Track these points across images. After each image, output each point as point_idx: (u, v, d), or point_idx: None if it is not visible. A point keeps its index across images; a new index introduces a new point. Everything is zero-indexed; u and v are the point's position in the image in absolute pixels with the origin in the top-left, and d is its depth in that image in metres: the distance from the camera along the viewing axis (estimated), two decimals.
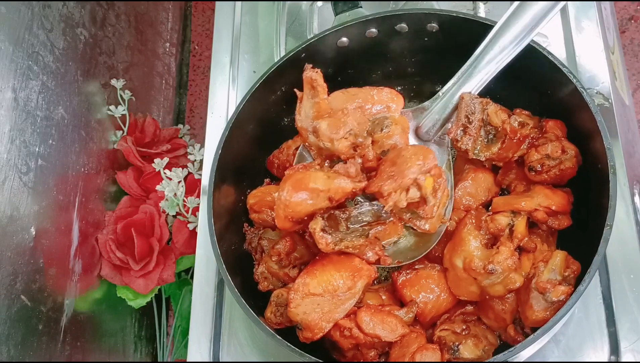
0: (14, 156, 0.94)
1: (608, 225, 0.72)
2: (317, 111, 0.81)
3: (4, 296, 0.90)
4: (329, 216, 0.78)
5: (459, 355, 0.77)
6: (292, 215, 0.76)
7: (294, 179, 0.77)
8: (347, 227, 0.78)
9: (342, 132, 0.79)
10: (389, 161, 0.79)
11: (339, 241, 0.77)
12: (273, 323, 0.80)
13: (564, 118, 0.87)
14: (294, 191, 0.75)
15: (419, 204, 0.77)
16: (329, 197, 0.76)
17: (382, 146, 0.83)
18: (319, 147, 0.82)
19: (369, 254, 0.78)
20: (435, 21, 0.89)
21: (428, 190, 0.76)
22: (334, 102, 0.83)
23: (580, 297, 0.71)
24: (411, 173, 0.74)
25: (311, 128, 0.81)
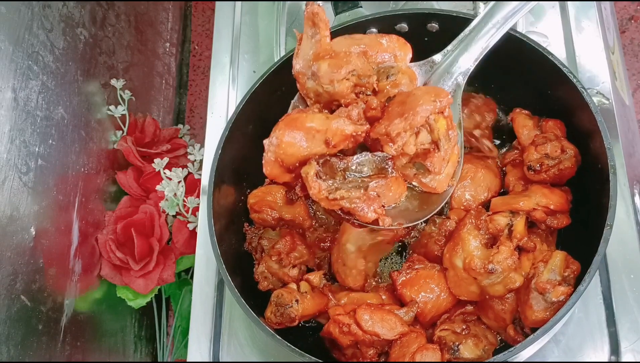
0: (13, 156, 0.94)
1: (608, 225, 0.72)
2: (318, 51, 0.73)
3: (4, 296, 0.90)
4: (325, 162, 0.70)
5: (459, 355, 0.77)
6: (283, 158, 0.69)
7: (287, 119, 0.69)
8: (344, 178, 0.71)
9: (344, 72, 0.72)
10: (398, 101, 0.72)
11: (333, 190, 0.69)
12: (273, 323, 0.79)
13: (564, 118, 0.87)
14: (287, 129, 0.68)
15: (426, 156, 0.71)
16: (326, 140, 0.68)
17: (387, 94, 0.76)
18: (318, 92, 0.74)
19: (366, 210, 0.69)
20: (435, 21, 0.89)
21: (441, 132, 0.70)
22: (337, 46, 0.75)
23: (581, 297, 0.71)
24: (424, 111, 0.68)
25: (310, 72, 0.73)
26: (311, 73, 0.74)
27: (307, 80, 0.75)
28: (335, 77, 0.72)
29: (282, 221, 0.90)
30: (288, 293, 0.79)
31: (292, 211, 0.90)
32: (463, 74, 0.79)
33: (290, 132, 0.68)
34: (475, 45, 0.78)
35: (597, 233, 0.73)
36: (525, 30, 1.06)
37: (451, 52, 0.79)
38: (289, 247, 0.84)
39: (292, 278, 0.85)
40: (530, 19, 1.07)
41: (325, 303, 0.83)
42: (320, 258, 0.91)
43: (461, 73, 0.79)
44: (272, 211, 0.90)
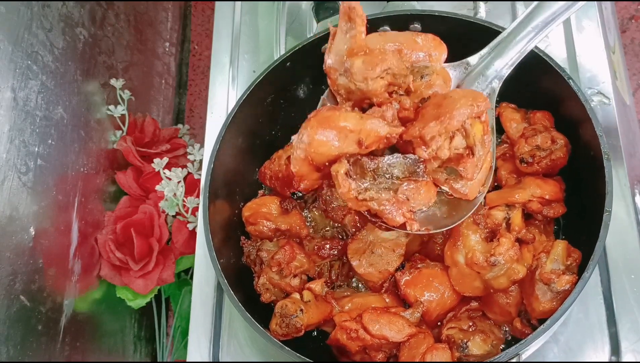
0: (13, 156, 0.94)
1: (607, 211, 0.73)
2: (352, 47, 0.71)
3: (3, 296, 0.90)
4: (355, 162, 0.68)
5: (468, 352, 0.77)
6: (313, 157, 0.67)
7: (320, 116, 0.67)
8: (374, 178, 0.68)
9: (379, 70, 0.69)
10: (433, 104, 0.70)
11: (363, 191, 0.67)
12: (279, 335, 0.79)
13: (551, 109, 0.87)
14: (319, 128, 0.66)
15: (459, 160, 0.69)
16: (359, 140, 0.66)
17: (420, 95, 0.74)
18: (349, 90, 0.72)
19: (395, 213, 0.68)
20: (417, 22, 0.89)
21: (477, 138, 0.68)
22: (371, 43, 0.72)
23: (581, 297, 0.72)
24: (461, 115, 0.66)
25: (343, 68, 0.71)
26: (344, 69, 0.71)
27: (339, 76, 0.73)
28: (370, 74, 0.70)
29: (279, 231, 0.90)
30: (292, 303, 0.79)
31: (288, 220, 0.90)
32: (498, 78, 0.77)
33: (323, 131, 0.66)
34: (512, 49, 0.76)
35: (596, 220, 0.73)
36: None
37: (487, 55, 0.78)
38: (288, 257, 0.84)
39: (294, 288, 0.85)
40: None
41: (330, 311, 0.83)
42: (320, 266, 0.91)
43: (496, 77, 0.77)
44: (268, 222, 0.90)
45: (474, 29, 0.86)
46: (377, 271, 0.86)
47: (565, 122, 0.85)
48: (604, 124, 0.95)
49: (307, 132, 0.67)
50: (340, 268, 0.91)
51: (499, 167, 0.91)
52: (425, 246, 0.89)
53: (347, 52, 0.71)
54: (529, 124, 0.87)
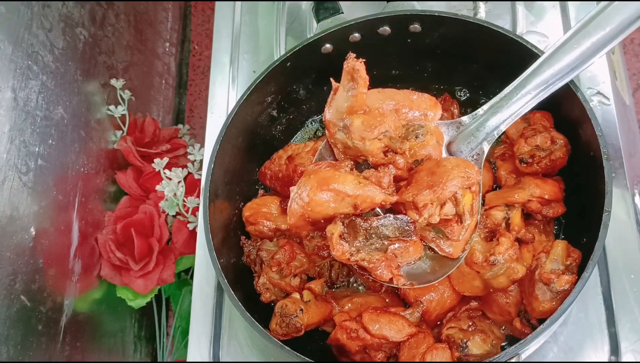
0: (13, 156, 0.94)
1: (606, 211, 0.73)
2: (353, 105, 0.74)
3: (3, 296, 0.90)
4: (349, 222, 0.72)
5: (468, 351, 0.78)
6: (310, 215, 0.71)
7: (320, 177, 0.71)
8: (365, 238, 0.72)
9: (376, 132, 0.72)
10: (427, 170, 0.74)
11: (355, 252, 0.71)
12: (279, 335, 0.79)
13: (550, 109, 0.87)
14: (318, 190, 0.70)
15: (447, 223, 0.73)
16: (354, 204, 0.70)
17: (414, 155, 0.77)
18: (346, 146, 0.75)
19: (382, 271, 0.72)
20: (417, 22, 0.89)
21: (466, 207, 0.72)
22: (370, 101, 0.75)
23: (581, 297, 0.72)
24: (452, 186, 0.70)
25: (342, 124, 0.74)
26: (343, 126, 0.74)
27: (337, 131, 0.76)
28: (368, 136, 0.72)
29: (279, 231, 0.90)
30: (292, 303, 0.79)
31: None
32: (489, 140, 0.78)
33: (321, 192, 0.69)
34: (507, 110, 0.76)
35: (595, 220, 0.74)
36: (525, 30, 1.06)
37: (480, 116, 0.79)
38: (288, 256, 0.84)
39: (294, 288, 0.85)
40: (530, 19, 1.07)
41: (330, 311, 0.83)
42: (320, 266, 0.91)
43: (487, 139, 0.78)
44: (268, 222, 0.90)
45: (473, 30, 0.86)
46: None
47: (565, 122, 0.85)
48: (603, 124, 0.95)
49: (306, 192, 0.70)
50: (340, 268, 0.91)
51: (498, 167, 0.91)
52: None
53: (347, 110, 0.74)
54: (529, 124, 0.87)
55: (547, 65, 0.73)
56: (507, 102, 0.76)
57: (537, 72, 0.74)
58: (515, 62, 0.85)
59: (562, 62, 0.72)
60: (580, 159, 0.82)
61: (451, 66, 0.96)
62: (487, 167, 0.91)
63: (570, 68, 0.73)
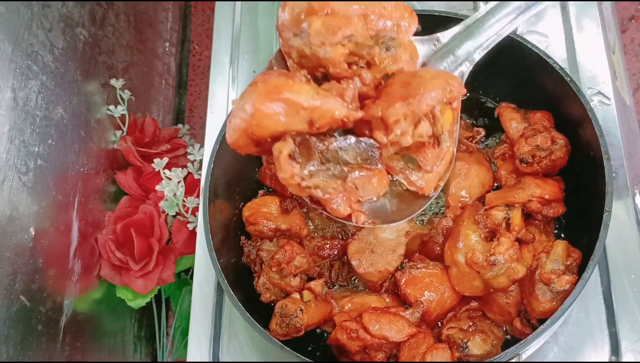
0: (13, 156, 0.94)
1: (607, 211, 0.73)
2: (313, 5, 0.61)
3: (3, 296, 0.90)
4: (302, 141, 0.59)
5: (468, 352, 0.78)
6: (254, 130, 0.58)
7: (270, 84, 0.58)
8: (321, 162, 0.60)
9: (340, 35, 0.60)
10: (400, 82, 0.63)
11: (308, 176, 0.60)
12: (279, 335, 0.79)
13: (550, 108, 0.87)
14: (266, 99, 0.57)
15: (420, 149, 0.63)
16: (310, 119, 0.58)
17: (383, 70, 0.65)
18: (303, 53, 0.62)
19: (339, 203, 0.61)
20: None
21: (446, 126, 0.62)
22: (335, 3, 0.63)
23: (581, 297, 0.72)
24: (431, 98, 0.59)
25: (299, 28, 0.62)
26: (300, 30, 0.62)
27: (292, 36, 0.63)
28: (329, 39, 0.60)
29: (279, 231, 0.90)
30: (292, 303, 0.79)
31: (288, 220, 0.90)
32: (469, 61, 0.70)
33: (270, 102, 0.56)
34: (488, 30, 0.70)
35: (596, 220, 0.74)
36: (525, 30, 1.06)
37: (460, 33, 0.71)
38: (288, 256, 0.84)
39: (294, 288, 0.85)
40: (530, 19, 1.06)
41: (330, 311, 0.83)
42: (320, 266, 0.91)
43: (467, 60, 0.70)
44: (268, 222, 0.90)
45: None
46: (377, 271, 0.86)
47: (565, 122, 0.85)
48: (603, 124, 0.95)
49: (251, 100, 0.57)
50: (340, 268, 0.91)
51: (499, 167, 0.91)
52: (425, 246, 0.89)
53: (307, 9, 0.62)
54: (529, 124, 0.87)
55: None
56: (490, 18, 0.70)
57: None
58: (516, 62, 0.85)
59: None
60: (581, 159, 0.82)
61: None
62: (487, 167, 0.91)
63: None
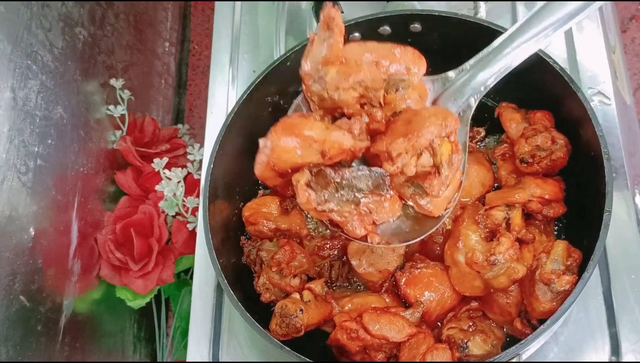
0: (12, 156, 0.94)
1: (607, 211, 0.73)
2: (329, 56, 0.70)
3: (2, 296, 0.90)
4: (319, 172, 0.67)
5: (468, 352, 0.78)
6: (276, 163, 0.66)
7: (286, 123, 0.67)
8: (336, 189, 0.68)
9: (351, 80, 0.69)
10: (403, 119, 0.70)
11: (323, 202, 0.67)
12: (279, 335, 0.78)
13: (551, 108, 0.87)
14: (283, 135, 0.66)
15: (426, 177, 0.70)
16: (322, 151, 0.66)
17: (394, 108, 0.73)
18: (322, 97, 0.71)
19: (355, 226, 0.69)
20: (417, 22, 0.89)
21: (444, 158, 0.68)
22: (349, 53, 0.71)
23: (581, 297, 0.72)
24: (429, 133, 0.66)
25: (317, 75, 0.71)
26: (318, 77, 0.71)
27: (313, 83, 0.72)
28: (342, 85, 0.69)
29: (279, 231, 0.90)
30: (292, 303, 0.79)
31: (288, 220, 0.90)
32: (475, 95, 0.75)
33: (286, 138, 0.66)
34: (495, 65, 0.73)
35: (596, 220, 0.74)
36: None
37: (467, 71, 0.75)
38: (288, 256, 0.84)
39: (294, 288, 0.85)
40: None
41: (330, 311, 0.83)
42: (320, 266, 0.91)
43: (473, 94, 0.75)
44: (268, 222, 0.90)
45: (474, 29, 0.86)
46: (377, 271, 0.86)
47: (565, 122, 0.84)
48: (604, 124, 0.95)
49: (271, 138, 0.66)
50: (340, 268, 0.91)
51: (499, 167, 0.91)
52: (425, 246, 0.89)
53: (323, 60, 0.70)
54: (529, 124, 0.87)
55: (536, 19, 0.70)
56: (495, 56, 0.73)
57: (526, 27, 0.71)
58: None
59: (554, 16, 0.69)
60: (581, 159, 0.82)
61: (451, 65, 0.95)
62: (487, 167, 0.91)
63: (560, 22, 0.70)
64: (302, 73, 0.73)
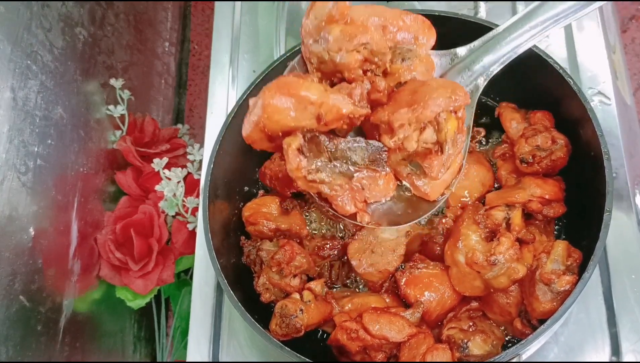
0: (12, 156, 0.94)
1: (607, 211, 0.73)
2: (333, 14, 0.65)
3: (2, 296, 0.90)
4: (312, 138, 0.62)
5: (468, 352, 0.77)
6: (266, 124, 0.61)
7: (281, 81, 0.61)
8: (329, 159, 0.63)
9: (356, 42, 0.64)
10: (409, 89, 0.65)
11: (314, 171, 0.62)
12: (279, 335, 0.78)
13: (551, 108, 0.87)
14: (277, 93, 0.60)
15: (426, 156, 0.65)
16: (318, 115, 0.61)
17: (397, 79, 0.68)
18: (322, 59, 0.66)
19: (346, 202, 0.64)
20: None
21: (449, 134, 0.63)
22: (355, 13, 0.66)
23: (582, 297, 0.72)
24: (436, 105, 0.61)
25: (320, 34, 0.66)
26: (320, 36, 0.65)
27: (313, 42, 0.67)
28: (346, 46, 0.64)
29: (279, 231, 0.90)
30: (292, 303, 0.79)
31: (288, 220, 0.90)
32: (485, 75, 0.72)
33: (280, 97, 0.60)
34: (505, 47, 0.71)
35: (596, 220, 0.74)
36: None
37: (477, 48, 0.72)
38: (288, 256, 0.84)
39: (294, 288, 0.85)
40: None
41: (330, 311, 0.83)
42: (320, 266, 0.91)
43: (483, 74, 0.72)
44: (268, 222, 0.90)
45: (474, 29, 0.86)
46: (377, 271, 0.86)
47: (565, 122, 0.84)
48: (604, 124, 0.95)
49: (263, 96, 0.61)
50: (340, 268, 0.91)
51: (499, 167, 0.91)
52: (425, 246, 0.89)
53: (327, 18, 0.65)
54: (529, 124, 0.87)
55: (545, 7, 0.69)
56: (509, 35, 0.71)
57: (542, 8, 0.69)
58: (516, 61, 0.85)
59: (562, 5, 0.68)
60: (581, 159, 0.82)
61: None
62: (487, 167, 0.91)
63: (570, 11, 0.68)
64: (303, 31, 0.68)
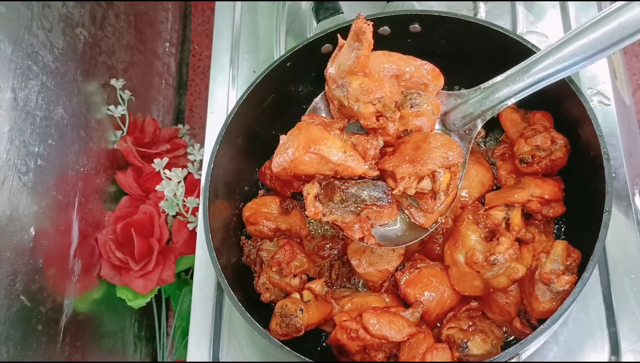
0: (13, 156, 0.94)
1: (607, 211, 0.73)
2: (355, 66, 0.76)
3: (3, 296, 0.90)
4: (327, 183, 0.75)
5: (468, 352, 0.78)
6: (292, 169, 0.73)
7: (310, 136, 0.73)
8: (341, 200, 0.75)
9: (372, 97, 0.75)
10: (413, 143, 0.76)
11: (329, 213, 0.74)
12: (279, 335, 0.79)
13: (550, 108, 0.87)
14: (304, 150, 0.72)
15: (423, 196, 0.76)
16: (336, 171, 0.73)
17: (406, 124, 0.79)
18: (342, 103, 0.78)
19: (355, 230, 0.75)
20: (417, 22, 0.89)
21: (442, 186, 0.74)
22: (372, 63, 0.77)
23: (581, 296, 0.72)
24: (432, 163, 0.72)
25: (341, 82, 0.77)
26: (342, 83, 0.77)
27: (335, 87, 0.78)
28: (363, 98, 0.75)
29: (279, 231, 0.90)
30: (292, 303, 0.79)
31: (288, 220, 0.91)
32: (482, 119, 0.79)
33: (306, 154, 0.71)
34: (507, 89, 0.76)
35: (595, 220, 0.74)
36: (525, 30, 1.06)
37: (481, 91, 0.78)
38: (288, 256, 0.84)
39: (294, 288, 0.85)
40: (530, 19, 1.07)
41: (330, 311, 0.83)
42: (320, 266, 0.91)
43: (481, 117, 0.79)
44: (268, 222, 0.90)
45: (473, 30, 0.86)
46: (377, 271, 0.86)
47: (565, 122, 0.85)
48: (603, 124, 0.95)
49: (294, 148, 0.72)
50: (340, 268, 0.91)
51: (499, 167, 0.91)
52: (425, 246, 0.89)
53: (349, 69, 0.76)
54: (529, 124, 0.87)
55: (549, 57, 0.72)
56: (507, 84, 0.76)
57: (540, 60, 0.73)
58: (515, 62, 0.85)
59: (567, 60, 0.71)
60: (580, 160, 0.82)
61: (451, 65, 0.95)
62: (487, 167, 0.91)
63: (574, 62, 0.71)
64: (327, 75, 0.79)
